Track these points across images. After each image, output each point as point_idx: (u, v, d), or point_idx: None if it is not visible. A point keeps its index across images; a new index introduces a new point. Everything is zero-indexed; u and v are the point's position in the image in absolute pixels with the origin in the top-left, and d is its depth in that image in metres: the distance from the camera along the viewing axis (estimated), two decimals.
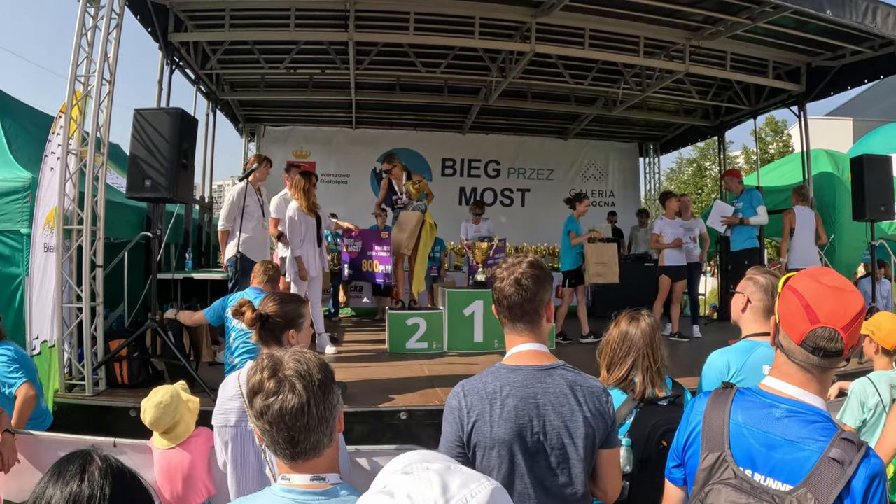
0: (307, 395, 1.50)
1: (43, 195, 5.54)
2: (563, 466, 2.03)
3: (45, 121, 6.80)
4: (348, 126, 13.47)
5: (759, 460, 1.61)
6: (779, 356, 1.72)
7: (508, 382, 2.06)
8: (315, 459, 1.54)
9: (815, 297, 1.64)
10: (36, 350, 5.38)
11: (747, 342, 2.80)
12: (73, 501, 1.28)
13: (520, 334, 2.16)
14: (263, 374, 1.55)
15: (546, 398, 2.04)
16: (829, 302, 1.62)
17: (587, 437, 2.03)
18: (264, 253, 6.78)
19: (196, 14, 8.36)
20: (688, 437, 1.80)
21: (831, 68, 9.58)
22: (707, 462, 1.68)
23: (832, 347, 1.61)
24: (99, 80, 5.41)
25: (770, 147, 29.19)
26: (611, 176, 14.84)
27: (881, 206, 7.94)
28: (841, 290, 1.65)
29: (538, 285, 2.13)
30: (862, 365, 6.02)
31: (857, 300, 1.63)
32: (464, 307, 7.53)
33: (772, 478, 1.58)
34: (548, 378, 2.07)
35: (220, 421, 2.78)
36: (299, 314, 2.91)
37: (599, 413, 2.07)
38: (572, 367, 2.14)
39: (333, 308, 11.20)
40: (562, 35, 8.72)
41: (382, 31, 8.70)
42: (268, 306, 2.84)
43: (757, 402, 1.69)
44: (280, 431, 1.50)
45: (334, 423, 1.57)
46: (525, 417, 2.01)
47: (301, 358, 1.57)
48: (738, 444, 1.65)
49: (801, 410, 1.62)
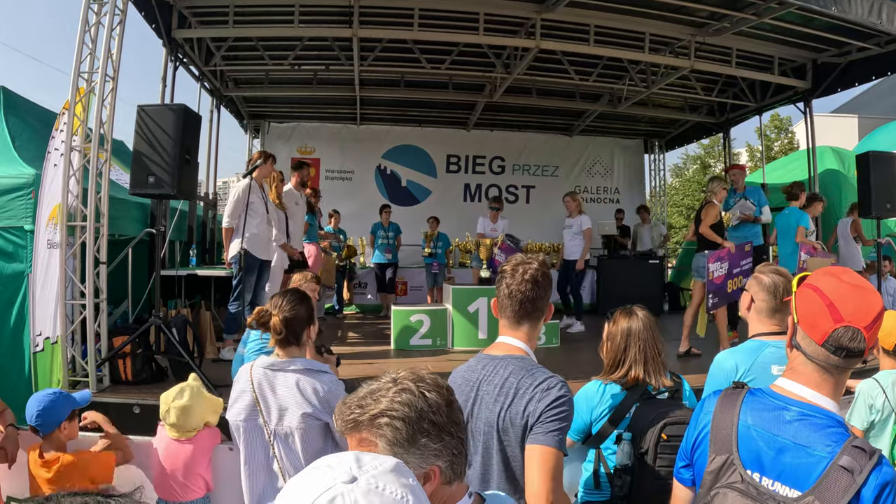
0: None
1: (46, 192, 5.53)
2: (483, 452, 2.14)
3: (48, 117, 6.78)
4: (353, 123, 13.46)
5: (767, 464, 1.57)
6: (795, 356, 1.67)
7: (463, 367, 2.31)
8: None
9: (838, 296, 1.59)
10: (39, 347, 5.38)
11: (754, 342, 2.77)
12: None
13: (503, 328, 2.31)
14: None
15: (486, 386, 2.17)
16: (852, 300, 1.58)
17: (502, 430, 2.11)
18: (268, 250, 6.77)
19: (200, 10, 8.35)
20: (696, 438, 1.77)
21: (837, 65, 9.53)
22: (714, 464, 1.65)
23: (855, 347, 1.56)
24: (102, 77, 5.39)
25: (775, 144, 29.10)
26: (616, 173, 14.78)
27: (887, 203, 7.89)
28: (863, 288, 1.61)
29: (535, 288, 2.23)
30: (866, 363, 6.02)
31: (878, 299, 1.60)
32: (468, 304, 7.52)
33: (779, 482, 1.54)
34: (493, 366, 2.20)
35: (232, 414, 2.80)
36: (311, 308, 2.91)
37: (517, 410, 2.09)
38: (529, 363, 2.17)
39: (338, 305, 11.20)
40: (567, 31, 8.69)
41: (387, 27, 8.67)
42: (284, 309, 2.81)
43: (768, 403, 1.65)
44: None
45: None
46: (464, 396, 2.18)
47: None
48: (747, 447, 1.62)
49: (813, 414, 1.58)
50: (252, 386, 2.72)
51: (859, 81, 9.70)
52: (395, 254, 11.07)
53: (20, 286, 5.82)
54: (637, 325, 2.88)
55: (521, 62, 9.31)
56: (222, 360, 6.44)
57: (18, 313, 5.80)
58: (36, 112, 7.57)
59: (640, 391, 2.77)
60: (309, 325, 2.87)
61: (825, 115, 26.07)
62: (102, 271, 5.52)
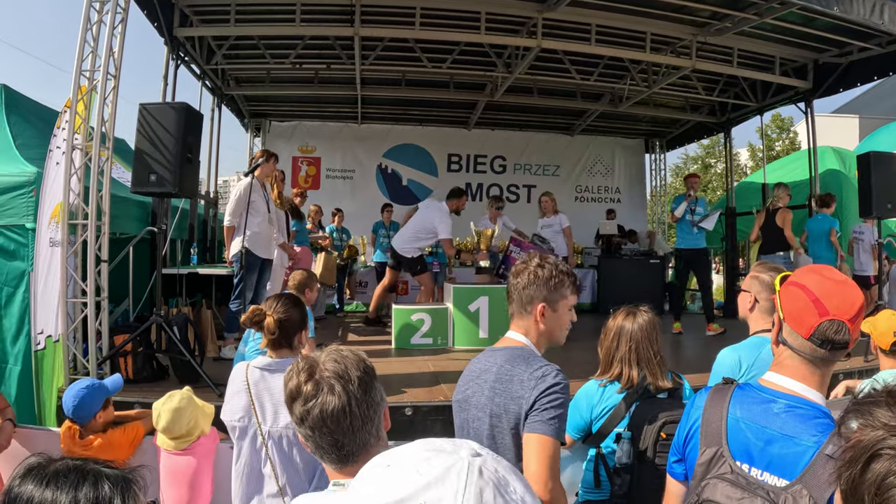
0: (347, 396, 1.45)
1: (48, 190, 5.54)
2: (475, 438, 2.16)
3: (50, 116, 6.79)
4: (354, 121, 13.45)
5: (755, 455, 1.62)
6: (781, 351, 1.74)
7: (471, 361, 2.40)
8: (365, 460, 1.50)
9: (822, 291, 1.66)
10: (41, 345, 5.39)
11: (757, 338, 2.82)
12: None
13: (511, 324, 2.38)
14: (300, 377, 1.50)
15: (485, 375, 2.24)
16: (836, 295, 1.65)
17: (493, 415, 2.16)
18: (269, 249, 6.77)
19: (202, 9, 8.36)
20: (688, 432, 1.82)
21: (838, 65, 9.53)
22: (705, 457, 1.70)
23: (840, 339, 1.63)
24: (104, 75, 5.40)
25: (776, 144, 29.07)
26: (617, 172, 14.79)
27: (888, 203, 7.90)
28: (845, 283, 1.68)
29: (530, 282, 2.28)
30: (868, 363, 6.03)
31: (858, 294, 1.67)
32: (469, 303, 7.52)
33: (768, 472, 1.59)
34: (493, 357, 2.27)
35: (227, 416, 2.79)
36: (304, 313, 2.91)
37: (511, 396, 2.13)
38: (526, 353, 2.23)
39: (339, 303, 11.21)
40: (568, 30, 8.69)
41: (388, 26, 8.68)
42: (278, 311, 2.82)
43: (756, 397, 1.71)
44: (323, 436, 1.45)
45: (379, 420, 1.51)
46: (464, 386, 2.32)
47: (338, 357, 1.52)
48: (736, 439, 1.67)
49: (800, 405, 1.63)
50: (247, 386, 2.72)
51: (860, 82, 9.70)
52: None
53: (21, 284, 5.84)
54: (631, 326, 2.89)
55: (523, 61, 9.32)
56: (223, 359, 6.44)
57: (20, 311, 5.82)
58: (37, 110, 7.58)
59: (640, 390, 2.78)
60: (302, 329, 2.87)
61: (826, 116, 26.03)
62: (104, 269, 5.52)
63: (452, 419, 2.37)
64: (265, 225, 6.60)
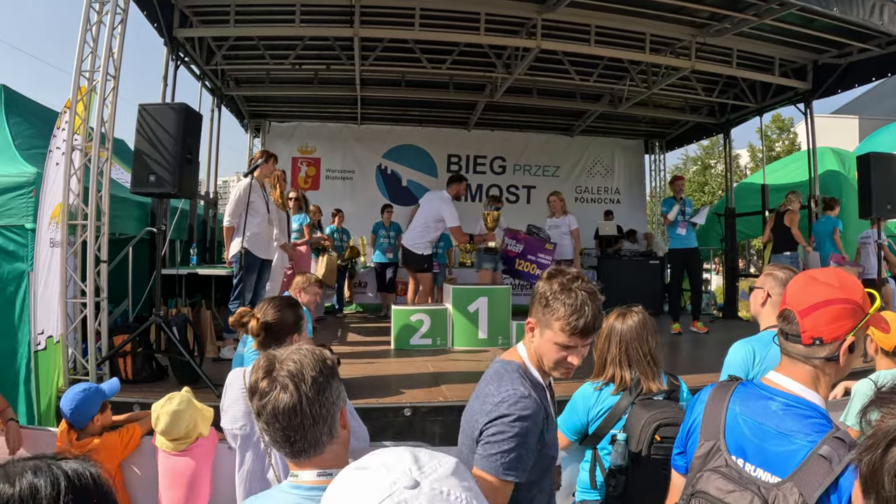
0: (298, 395, 1.49)
1: (48, 190, 5.54)
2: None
3: (49, 116, 6.79)
4: (354, 122, 13.46)
5: (750, 450, 1.65)
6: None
7: None
8: (318, 457, 1.53)
9: (791, 286, 1.72)
10: (41, 345, 5.39)
11: (768, 333, 2.84)
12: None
13: None
14: (258, 373, 1.56)
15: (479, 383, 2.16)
16: (795, 287, 1.71)
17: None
18: (269, 249, 6.78)
19: (201, 9, 8.36)
20: (690, 426, 1.85)
21: (838, 66, 9.54)
22: (703, 450, 1.73)
23: (787, 329, 1.68)
24: (104, 76, 5.40)
25: (776, 145, 29.06)
26: (616, 173, 14.79)
27: (887, 204, 7.90)
28: (814, 279, 1.70)
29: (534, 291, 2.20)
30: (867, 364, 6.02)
31: (825, 291, 1.65)
32: (468, 304, 7.52)
33: (762, 468, 1.61)
34: (490, 366, 2.19)
35: (228, 424, 2.79)
36: (299, 317, 2.91)
37: (471, 416, 2.06)
38: (509, 368, 2.08)
39: (338, 304, 11.21)
40: (567, 31, 8.70)
41: (388, 27, 8.69)
42: (268, 314, 2.83)
43: (756, 394, 1.73)
44: (276, 431, 1.51)
45: (333, 420, 1.55)
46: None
47: (297, 356, 1.56)
48: (733, 434, 1.70)
49: (797, 405, 1.64)
50: (245, 393, 2.71)
51: (860, 82, 9.71)
52: (395, 253, 11.06)
53: (21, 284, 5.84)
54: (621, 326, 2.88)
55: (522, 62, 9.32)
56: (223, 359, 6.45)
57: (20, 312, 5.82)
58: (37, 111, 7.58)
59: (637, 392, 2.78)
60: (294, 332, 2.87)
61: (826, 116, 26.06)
62: (103, 270, 5.53)
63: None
64: (264, 225, 6.60)
